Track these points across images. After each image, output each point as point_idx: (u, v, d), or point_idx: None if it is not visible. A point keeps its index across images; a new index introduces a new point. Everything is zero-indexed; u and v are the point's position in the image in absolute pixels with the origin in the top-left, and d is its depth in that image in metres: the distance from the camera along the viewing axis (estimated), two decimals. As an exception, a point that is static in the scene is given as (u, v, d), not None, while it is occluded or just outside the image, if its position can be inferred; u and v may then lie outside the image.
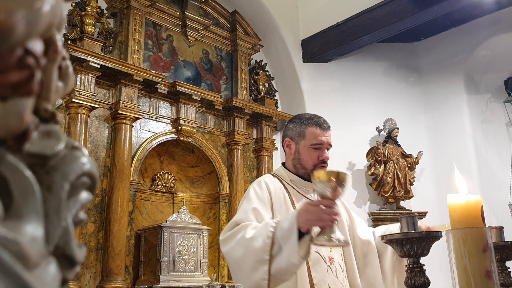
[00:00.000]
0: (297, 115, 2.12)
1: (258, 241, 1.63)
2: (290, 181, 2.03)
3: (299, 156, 2.00)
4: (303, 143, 1.98)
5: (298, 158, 2.01)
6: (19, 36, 0.30)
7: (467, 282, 1.01)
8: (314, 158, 1.97)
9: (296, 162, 2.02)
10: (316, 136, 1.97)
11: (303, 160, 1.99)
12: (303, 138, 1.98)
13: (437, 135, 5.99)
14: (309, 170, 1.97)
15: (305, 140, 1.98)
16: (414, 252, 1.13)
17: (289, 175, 2.04)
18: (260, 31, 5.90)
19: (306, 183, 2.00)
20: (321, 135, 1.98)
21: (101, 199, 4.20)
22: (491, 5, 5.15)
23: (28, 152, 0.33)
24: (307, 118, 2.02)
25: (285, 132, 2.08)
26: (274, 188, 1.95)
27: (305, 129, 1.99)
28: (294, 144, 2.02)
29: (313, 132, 1.97)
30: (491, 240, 1.06)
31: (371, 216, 5.54)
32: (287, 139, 2.05)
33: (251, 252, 1.64)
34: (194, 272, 4.43)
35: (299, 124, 2.02)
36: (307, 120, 2.01)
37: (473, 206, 1.08)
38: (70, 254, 0.34)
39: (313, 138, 1.97)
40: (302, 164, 1.99)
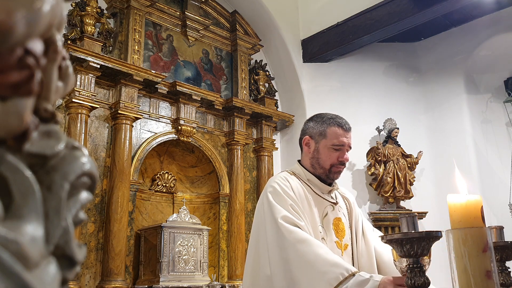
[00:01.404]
0: (318, 114, 2.05)
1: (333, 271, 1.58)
2: (307, 180, 1.98)
3: (318, 155, 1.96)
4: (324, 142, 1.94)
5: (317, 158, 1.96)
6: (19, 36, 0.30)
7: (467, 282, 1.01)
8: (333, 159, 1.93)
9: (314, 161, 1.97)
10: (337, 136, 1.93)
11: (321, 160, 1.95)
12: (324, 137, 1.95)
13: (437, 135, 5.99)
14: (327, 170, 1.94)
15: (326, 139, 1.94)
16: (414, 252, 1.13)
17: (306, 174, 1.99)
18: (260, 31, 5.90)
19: (323, 185, 1.97)
20: (343, 136, 1.94)
21: (101, 199, 4.20)
22: (491, 5, 5.15)
23: (28, 152, 0.33)
24: (329, 117, 1.98)
25: (305, 129, 2.03)
26: (296, 185, 1.91)
27: (326, 129, 1.95)
28: (313, 143, 1.98)
29: (335, 132, 1.94)
30: (491, 240, 1.06)
31: (371, 216, 5.54)
32: (307, 137, 2.00)
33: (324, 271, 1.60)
34: (194, 272, 4.43)
35: (321, 123, 1.97)
36: (329, 119, 1.97)
37: (473, 206, 1.08)
38: (70, 254, 0.34)
39: (335, 138, 1.93)
40: (320, 163, 1.96)
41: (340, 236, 1.93)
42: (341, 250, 1.91)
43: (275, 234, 1.73)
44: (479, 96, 6.10)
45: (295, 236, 1.68)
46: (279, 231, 1.72)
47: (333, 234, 1.90)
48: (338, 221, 1.96)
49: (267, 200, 1.84)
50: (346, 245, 1.94)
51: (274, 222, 1.74)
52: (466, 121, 5.89)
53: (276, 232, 1.73)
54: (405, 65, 6.29)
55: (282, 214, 1.75)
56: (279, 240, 1.71)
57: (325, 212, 1.93)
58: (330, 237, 1.89)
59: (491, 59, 6.00)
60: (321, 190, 1.98)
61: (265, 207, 1.84)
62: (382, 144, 5.73)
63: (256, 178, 5.54)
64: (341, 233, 1.94)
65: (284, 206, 1.78)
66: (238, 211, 5.10)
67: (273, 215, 1.77)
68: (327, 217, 1.93)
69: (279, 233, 1.72)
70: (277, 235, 1.72)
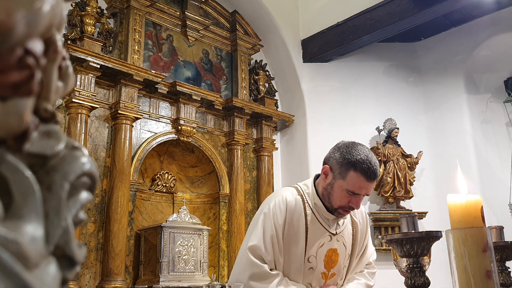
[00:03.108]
0: (351, 146, 1.82)
1: None
2: (314, 204, 1.90)
3: (331, 191, 1.83)
4: (340, 183, 1.79)
5: (329, 192, 1.84)
6: (19, 36, 0.30)
7: (467, 282, 1.01)
8: (344, 202, 1.81)
9: (325, 193, 1.86)
10: (357, 184, 1.76)
11: (332, 197, 1.83)
12: (343, 178, 1.78)
13: (437, 135, 5.99)
14: (333, 207, 1.85)
15: (344, 181, 1.78)
16: (414, 252, 1.13)
17: (315, 198, 1.90)
18: (260, 31, 5.90)
19: (328, 213, 1.89)
20: (363, 185, 1.76)
21: (101, 199, 4.20)
22: (491, 5, 5.15)
23: (28, 152, 0.33)
24: (358, 159, 1.74)
25: (329, 157, 1.86)
26: (293, 211, 1.86)
27: (349, 171, 1.76)
28: (331, 177, 1.83)
29: (356, 179, 1.75)
30: (491, 240, 1.06)
31: (371, 216, 5.54)
32: (327, 167, 1.84)
33: None
34: (194, 272, 4.43)
35: (346, 162, 1.77)
36: (356, 161, 1.74)
37: (473, 206, 1.08)
38: (70, 254, 0.34)
39: (353, 185, 1.76)
40: (330, 199, 1.85)
41: (329, 267, 1.91)
42: (325, 280, 1.92)
43: (240, 257, 1.88)
44: (479, 96, 6.10)
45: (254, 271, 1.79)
46: (243, 258, 1.85)
47: (322, 265, 1.89)
48: (332, 253, 1.92)
49: (257, 218, 1.92)
50: (334, 274, 1.93)
51: (245, 247, 1.86)
52: (466, 121, 5.89)
53: (241, 255, 1.87)
54: (405, 65, 6.29)
55: (254, 243, 1.83)
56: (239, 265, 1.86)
57: (322, 243, 1.89)
58: (319, 268, 1.89)
59: (491, 59, 5.99)
60: (327, 217, 1.91)
61: (252, 223, 1.95)
62: (382, 144, 5.73)
63: (256, 178, 5.54)
64: (331, 264, 1.92)
65: (265, 234, 1.84)
66: (238, 211, 5.10)
67: (248, 239, 1.88)
68: (322, 248, 1.89)
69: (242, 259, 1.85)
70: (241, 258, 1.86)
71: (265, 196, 5.40)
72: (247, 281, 1.78)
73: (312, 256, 1.87)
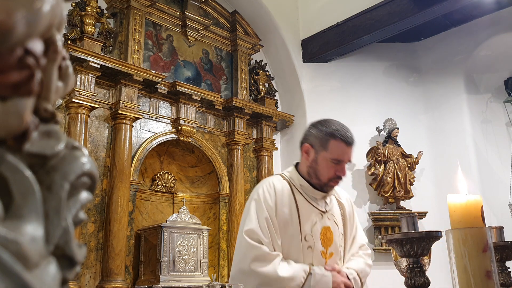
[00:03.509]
0: (323, 120, 1.94)
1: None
2: (299, 186, 1.95)
3: (316, 166, 1.90)
4: (324, 154, 1.87)
5: (314, 168, 1.91)
6: (19, 36, 0.30)
7: (467, 282, 1.01)
8: (331, 173, 1.88)
9: (311, 171, 1.92)
10: (339, 151, 1.86)
11: (319, 172, 1.90)
12: (325, 149, 1.87)
13: (437, 135, 5.99)
14: (323, 182, 1.91)
15: (326, 152, 1.87)
16: (414, 252, 1.13)
17: (300, 180, 1.96)
18: (260, 31, 5.90)
19: (314, 191, 1.94)
20: (345, 151, 1.87)
21: (101, 199, 4.20)
22: (491, 5, 5.15)
23: (28, 152, 0.33)
24: (334, 129, 1.87)
25: (307, 136, 1.95)
26: (282, 193, 1.90)
27: (329, 141, 1.86)
28: (313, 153, 1.90)
29: (337, 146, 1.85)
30: (491, 240, 1.06)
31: (371, 216, 5.54)
32: (307, 145, 1.92)
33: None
34: (194, 272, 4.43)
35: (324, 134, 1.88)
36: (334, 131, 1.86)
37: (473, 206, 1.08)
38: (70, 254, 0.34)
39: (335, 153, 1.86)
40: (317, 175, 1.91)
41: (326, 246, 1.93)
42: (325, 259, 1.92)
43: (238, 244, 1.88)
44: (479, 96, 6.10)
45: (254, 253, 1.78)
46: (241, 244, 1.84)
47: (320, 244, 1.90)
48: (326, 230, 1.94)
49: (248, 206, 1.93)
50: (332, 253, 1.94)
51: (241, 233, 1.86)
52: (466, 121, 5.89)
53: (239, 242, 1.86)
54: (405, 65, 6.29)
55: (250, 227, 1.83)
56: (239, 252, 1.85)
57: (314, 221, 1.92)
58: (317, 246, 1.89)
59: (491, 59, 5.99)
60: (314, 196, 1.95)
61: (243, 213, 1.96)
62: (382, 144, 5.73)
63: (256, 178, 5.54)
64: (328, 242, 1.93)
65: (259, 217, 1.85)
66: (238, 211, 5.10)
67: (243, 225, 1.88)
68: (316, 226, 1.91)
69: (241, 246, 1.85)
70: (239, 245, 1.86)
71: (265, 196, 5.40)
72: (249, 267, 1.76)
73: (308, 235, 1.89)
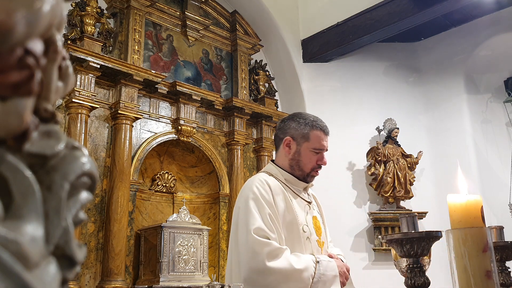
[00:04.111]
0: (298, 114, 2.05)
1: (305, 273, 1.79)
2: (284, 180, 1.98)
3: (299, 157, 1.96)
4: (306, 145, 1.95)
5: (297, 159, 1.97)
6: (19, 36, 0.30)
7: (467, 282, 1.01)
8: (313, 162, 1.96)
9: (294, 163, 1.98)
10: (319, 140, 1.95)
11: (302, 162, 1.96)
12: (307, 140, 1.95)
13: (437, 135, 5.99)
14: (306, 173, 1.97)
15: (308, 143, 1.95)
16: (414, 252, 1.13)
17: (283, 174, 1.99)
18: (260, 31, 5.90)
19: (299, 183, 1.99)
20: (324, 140, 1.97)
21: (101, 199, 4.20)
22: (491, 5, 5.15)
23: (28, 152, 0.33)
24: (312, 120, 1.98)
25: (285, 129, 2.01)
26: (274, 187, 1.91)
27: (310, 132, 1.95)
28: (295, 145, 1.97)
29: (318, 136, 1.95)
30: (491, 240, 1.06)
31: (371, 216, 5.54)
32: (288, 138, 1.98)
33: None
34: (194, 272, 4.43)
35: (304, 125, 1.97)
36: (312, 122, 1.97)
37: (473, 206, 1.08)
38: (70, 254, 0.34)
39: (317, 142, 1.95)
40: (300, 166, 1.97)
41: (319, 235, 1.98)
42: (321, 248, 1.96)
43: (246, 244, 1.78)
44: (479, 96, 6.11)
45: (267, 250, 1.73)
46: (249, 243, 1.76)
47: (315, 233, 1.95)
48: (315, 220, 2.00)
49: (245, 206, 1.85)
50: (323, 242, 1.99)
51: (247, 233, 1.79)
52: (466, 121, 5.89)
53: (246, 242, 1.78)
54: (405, 65, 6.29)
55: (256, 226, 1.78)
56: (249, 251, 1.77)
57: (306, 212, 1.97)
58: (314, 236, 1.94)
59: (491, 59, 6.00)
60: (299, 188, 2.01)
61: (241, 213, 1.87)
62: (382, 144, 5.73)
63: (256, 178, 5.53)
64: (318, 231, 1.99)
65: (261, 214, 1.81)
66: (238, 211, 5.09)
67: (247, 225, 1.80)
68: (308, 216, 1.97)
69: (249, 245, 1.76)
70: (247, 245, 1.77)
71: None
72: (265, 264, 1.71)
73: (305, 225, 1.92)
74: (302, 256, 1.82)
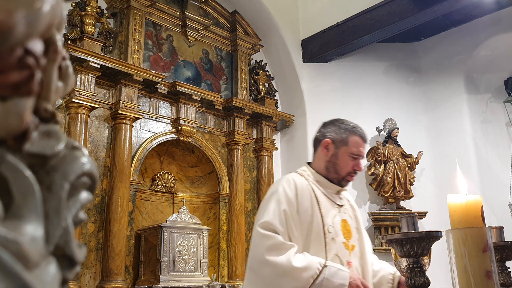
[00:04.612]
0: (340, 119, 2.11)
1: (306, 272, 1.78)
2: (316, 181, 2.03)
3: (336, 160, 2.01)
4: (344, 149, 2.00)
5: (334, 162, 2.01)
6: (19, 36, 0.30)
7: (467, 282, 1.01)
8: (349, 167, 2.00)
9: (330, 165, 2.02)
10: (358, 146, 2.01)
11: (338, 166, 2.01)
12: (345, 144, 2.01)
13: (437, 135, 5.99)
14: (341, 176, 2.01)
15: (346, 147, 2.00)
16: (414, 252, 1.13)
17: (316, 176, 2.04)
18: (260, 31, 5.90)
19: (331, 185, 2.03)
20: (362, 146, 2.03)
21: (101, 199, 4.20)
22: (491, 5, 5.15)
23: (28, 152, 0.33)
24: (352, 126, 2.06)
25: (325, 133, 2.07)
26: (302, 187, 1.96)
27: (349, 137, 2.02)
28: (333, 148, 2.02)
29: (356, 142, 2.01)
30: (491, 240, 1.06)
31: (371, 216, 5.54)
32: (327, 141, 2.03)
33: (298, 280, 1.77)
34: (194, 272, 4.43)
35: (344, 130, 2.04)
36: (352, 128, 2.05)
37: (473, 206, 1.08)
38: (70, 254, 0.34)
39: (355, 147, 2.00)
40: (336, 169, 2.01)
41: (347, 237, 1.99)
42: (348, 250, 1.97)
43: (253, 236, 1.89)
44: (479, 96, 6.10)
45: (268, 243, 1.80)
46: (254, 235, 1.87)
47: (342, 235, 1.97)
48: (345, 223, 2.02)
49: (265, 201, 1.96)
50: (353, 246, 2.00)
51: (255, 226, 1.90)
52: (466, 121, 5.89)
53: (253, 234, 1.89)
54: (405, 65, 6.29)
55: (264, 219, 1.86)
56: (253, 243, 1.87)
57: (334, 214, 1.99)
58: (340, 237, 1.95)
59: (491, 59, 5.99)
60: (330, 191, 2.04)
61: (260, 208, 1.99)
62: (382, 144, 5.73)
63: (256, 178, 5.54)
64: (348, 234, 2.00)
65: (276, 210, 1.87)
66: (238, 211, 5.10)
67: (258, 219, 1.91)
68: (336, 218, 1.99)
69: (254, 237, 1.87)
70: (253, 237, 1.88)
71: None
72: (264, 257, 1.78)
73: (330, 226, 1.94)
74: (309, 256, 1.83)
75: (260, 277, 1.80)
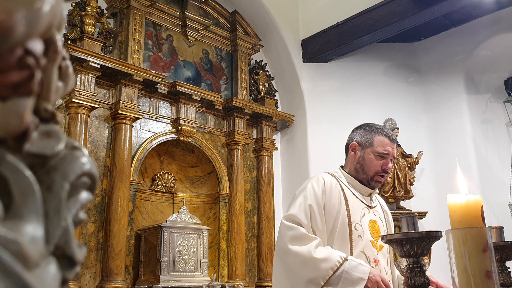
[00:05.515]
0: (367, 123, 2.21)
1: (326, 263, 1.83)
2: (347, 182, 2.11)
3: (363, 161, 2.10)
4: (370, 150, 2.09)
5: (361, 163, 2.10)
6: (19, 36, 0.30)
7: (467, 282, 1.01)
8: (377, 166, 2.08)
9: (358, 167, 2.11)
10: (383, 145, 2.08)
11: (366, 166, 2.09)
12: (371, 145, 2.09)
13: (437, 135, 5.99)
14: (369, 177, 2.09)
15: (372, 147, 2.08)
16: (414, 252, 1.13)
17: (347, 177, 2.13)
18: (260, 31, 5.90)
19: (362, 187, 2.10)
20: (388, 145, 2.09)
21: (101, 199, 4.20)
22: (491, 5, 5.15)
23: (28, 152, 0.33)
24: (377, 127, 2.14)
25: (352, 136, 2.18)
26: (331, 185, 2.03)
27: (373, 137, 2.10)
28: (360, 149, 2.12)
29: (381, 141, 2.09)
30: (491, 240, 1.06)
31: (371, 216, 5.54)
32: (354, 143, 2.14)
33: (316, 269, 1.83)
34: (194, 272, 4.43)
35: (369, 132, 2.13)
36: (377, 129, 2.13)
37: (473, 206, 1.08)
38: (70, 254, 0.34)
39: (380, 146, 2.08)
40: (364, 169, 2.09)
41: (375, 237, 2.04)
42: (376, 249, 2.01)
43: (279, 229, 2.00)
44: (479, 96, 6.10)
45: (292, 233, 1.90)
46: (280, 226, 1.98)
47: (369, 234, 2.02)
48: (374, 223, 2.07)
49: (294, 197, 2.06)
50: (382, 246, 2.04)
51: (282, 218, 2.01)
52: (466, 121, 5.89)
53: (279, 227, 1.99)
54: (405, 65, 6.29)
55: (289, 212, 1.97)
56: (278, 233, 1.99)
57: (362, 213, 2.05)
58: (367, 235, 2.00)
59: (491, 59, 5.99)
60: (361, 192, 2.11)
61: (289, 204, 2.09)
62: (382, 144, 5.73)
63: (256, 178, 5.54)
64: (376, 234, 2.05)
65: (302, 204, 1.96)
66: (238, 211, 5.10)
67: (285, 212, 2.03)
68: (364, 218, 2.04)
69: (279, 228, 1.98)
70: (279, 228, 1.99)
71: (265, 196, 5.41)
72: (286, 246, 1.87)
73: (358, 224, 2.00)
74: (330, 249, 1.89)
75: (284, 264, 1.90)
